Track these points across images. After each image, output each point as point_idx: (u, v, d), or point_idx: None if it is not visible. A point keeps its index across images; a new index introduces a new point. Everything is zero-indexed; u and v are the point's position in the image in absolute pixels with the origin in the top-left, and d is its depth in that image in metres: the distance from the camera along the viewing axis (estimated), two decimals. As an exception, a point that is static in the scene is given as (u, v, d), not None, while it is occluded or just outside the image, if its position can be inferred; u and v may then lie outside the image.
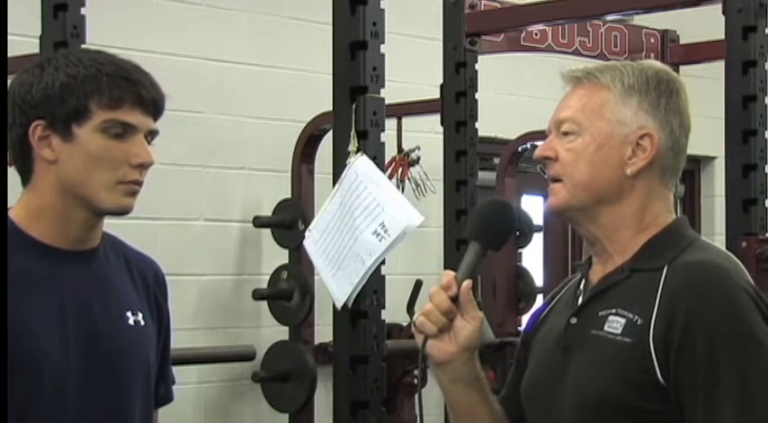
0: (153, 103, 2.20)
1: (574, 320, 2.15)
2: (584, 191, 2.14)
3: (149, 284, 2.34)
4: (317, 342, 5.71)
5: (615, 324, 2.07)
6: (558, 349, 2.15)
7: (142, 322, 2.28)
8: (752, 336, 2.01)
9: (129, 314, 2.26)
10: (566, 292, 2.26)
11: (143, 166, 2.19)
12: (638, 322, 2.05)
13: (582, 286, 2.21)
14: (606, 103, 2.14)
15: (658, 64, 2.22)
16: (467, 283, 2.16)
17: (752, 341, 2.01)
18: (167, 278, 2.40)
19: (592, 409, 2.07)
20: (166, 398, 2.39)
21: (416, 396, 2.21)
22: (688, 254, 2.10)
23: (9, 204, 2.23)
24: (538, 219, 6.29)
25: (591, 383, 2.08)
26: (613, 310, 2.09)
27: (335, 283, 3.44)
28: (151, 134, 2.22)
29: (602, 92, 2.15)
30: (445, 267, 4.69)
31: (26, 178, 2.22)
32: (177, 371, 2.33)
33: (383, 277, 3.48)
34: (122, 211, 2.20)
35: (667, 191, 2.18)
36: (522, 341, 2.32)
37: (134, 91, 2.18)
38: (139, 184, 2.20)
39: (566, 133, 2.15)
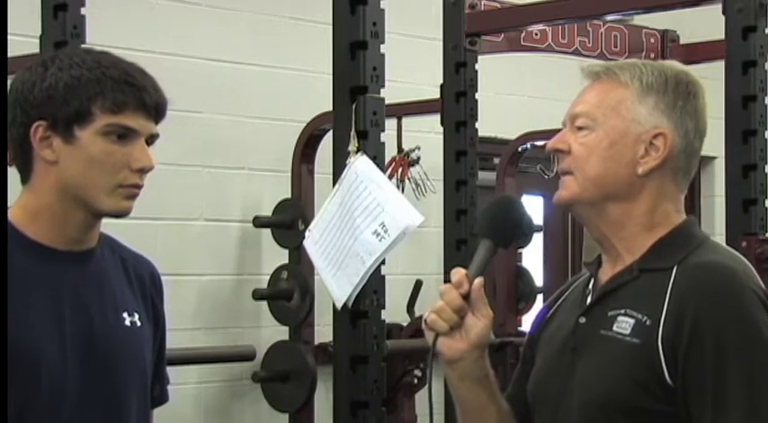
0: (155, 108, 2.20)
1: (583, 320, 2.15)
2: (593, 186, 2.13)
3: (146, 285, 2.34)
4: (317, 342, 5.71)
5: (624, 324, 2.07)
6: (566, 349, 2.15)
7: (138, 323, 2.28)
8: (759, 337, 2.01)
9: (125, 315, 2.26)
10: (574, 291, 2.26)
11: (143, 171, 2.19)
12: (647, 323, 2.05)
13: (591, 285, 2.20)
14: (623, 100, 2.14)
15: (680, 65, 2.22)
16: (478, 281, 2.16)
17: (760, 344, 2.01)
18: (167, 278, 2.40)
19: (598, 409, 2.07)
20: (161, 398, 2.39)
21: (427, 393, 2.20)
22: (697, 255, 2.10)
23: (9, 204, 2.23)
24: (538, 219, 6.29)
25: (598, 383, 2.08)
26: (622, 311, 2.09)
27: (335, 283, 3.43)
28: (152, 137, 2.22)
29: (619, 89, 2.15)
30: (445, 267, 4.69)
31: (25, 177, 2.22)
32: (177, 371, 2.34)
33: (383, 277, 3.47)
34: (121, 214, 2.20)
35: (679, 192, 2.18)
36: (529, 339, 2.32)
37: (137, 96, 2.17)
38: (139, 187, 2.20)
39: (580, 128, 2.15)
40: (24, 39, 3.56)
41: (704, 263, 2.07)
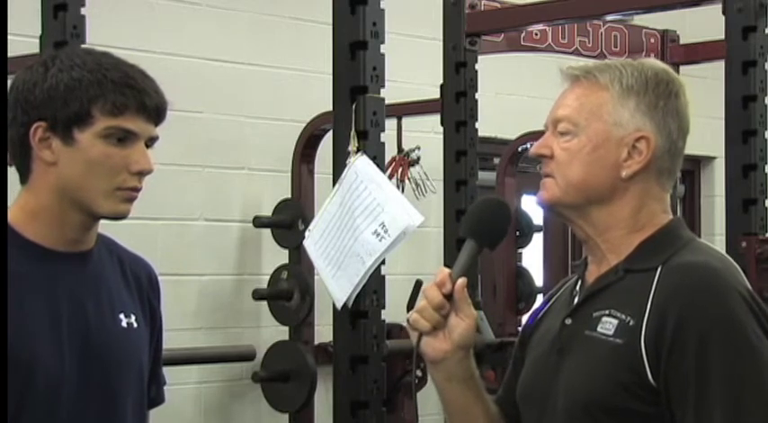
0: (156, 111, 2.20)
1: (569, 321, 2.15)
2: (576, 190, 2.13)
3: (143, 286, 2.34)
4: (317, 342, 5.71)
5: (608, 325, 2.07)
6: (553, 350, 2.15)
7: (135, 324, 2.28)
8: (743, 339, 2.00)
9: (122, 316, 2.26)
10: (563, 293, 2.26)
11: (142, 174, 2.19)
12: (631, 323, 2.04)
13: (578, 287, 2.20)
14: (604, 103, 2.13)
15: (659, 64, 2.20)
16: (461, 281, 2.15)
17: (743, 344, 2.00)
18: (167, 278, 2.41)
19: (583, 410, 2.06)
20: (157, 399, 2.39)
21: (412, 393, 2.20)
22: (682, 255, 2.09)
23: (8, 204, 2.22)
24: (538, 219, 6.29)
25: (583, 384, 2.07)
26: (606, 311, 2.08)
27: (335, 283, 3.43)
28: (151, 140, 2.21)
29: (600, 92, 2.14)
30: (445, 267, 4.69)
31: (24, 177, 2.22)
32: (177, 371, 2.34)
33: (383, 277, 3.47)
34: (119, 217, 2.20)
35: (663, 192, 2.17)
36: (520, 341, 2.31)
37: (138, 99, 2.17)
38: (137, 190, 2.20)
39: (562, 132, 2.15)
40: (24, 39, 3.56)
41: (688, 263, 2.06)
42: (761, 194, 4.10)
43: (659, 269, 2.07)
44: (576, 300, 2.18)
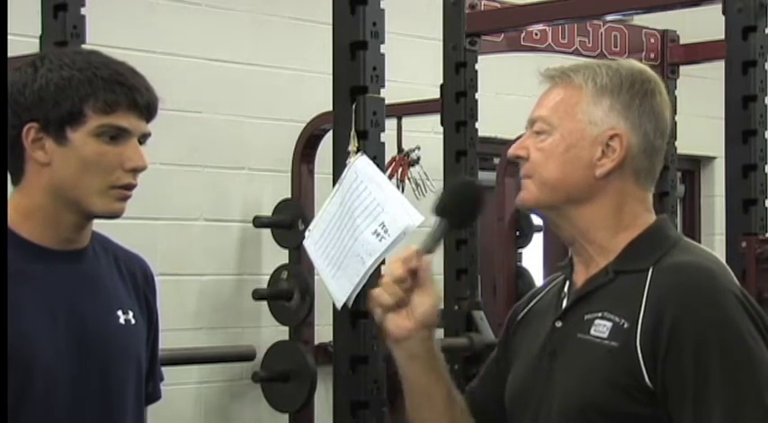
0: (147, 107, 2.20)
1: (559, 324, 2.13)
2: (551, 190, 2.13)
3: (138, 282, 2.34)
4: (317, 342, 5.71)
5: (601, 328, 2.06)
6: (544, 353, 2.14)
7: (132, 320, 2.28)
8: (739, 339, 2.00)
9: (119, 313, 2.26)
10: (548, 294, 2.25)
11: (136, 170, 2.19)
12: (625, 326, 2.03)
13: (566, 288, 2.19)
14: (578, 103, 2.13)
15: (637, 64, 2.19)
16: (427, 258, 2.15)
17: (739, 344, 2.00)
18: (168, 278, 2.41)
19: (579, 413, 2.05)
20: (155, 395, 2.39)
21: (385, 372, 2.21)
22: (673, 255, 2.08)
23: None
24: (538, 219, 6.29)
25: (578, 388, 2.06)
26: (599, 314, 2.07)
27: (335, 283, 3.43)
28: (144, 137, 2.22)
29: (574, 91, 2.14)
30: (445, 267, 4.70)
31: (17, 179, 2.22)
32: (177, 371, 2.34)
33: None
34: (112, 216, 2.20)
35: (644, 192, 2.16)
36: (503, 340, 2.30)
37: (129, 95, 2.17)
38: (132, 187, 2.20)
39: (538, 132, 2.16)
40: (24, 39, 3.56)
41: (680, 263, 2.06)
42: (761, 194, 4.10)
43: (651, 270, 2.06)
44: (564, 302, 2.16)
